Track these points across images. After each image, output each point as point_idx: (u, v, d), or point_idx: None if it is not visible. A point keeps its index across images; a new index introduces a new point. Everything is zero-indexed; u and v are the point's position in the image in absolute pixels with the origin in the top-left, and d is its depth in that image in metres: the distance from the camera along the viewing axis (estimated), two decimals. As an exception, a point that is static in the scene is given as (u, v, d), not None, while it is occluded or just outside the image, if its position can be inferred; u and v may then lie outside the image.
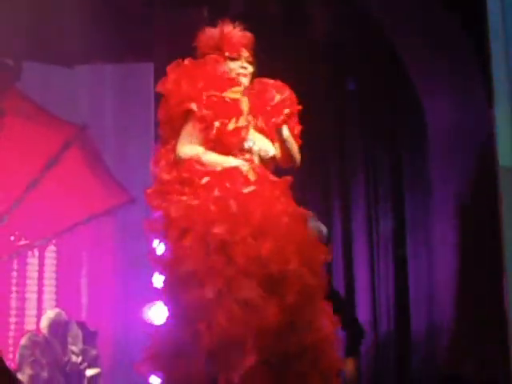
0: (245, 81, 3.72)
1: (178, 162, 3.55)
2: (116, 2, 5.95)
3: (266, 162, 3.69)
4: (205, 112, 3.53)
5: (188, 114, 3.58)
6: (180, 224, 3.40)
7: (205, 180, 3.46)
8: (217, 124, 3.53)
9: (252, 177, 3.52)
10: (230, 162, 3.54)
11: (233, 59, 3.72)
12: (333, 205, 6.30)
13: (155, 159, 3.68)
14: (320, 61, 5.93)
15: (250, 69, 3.75)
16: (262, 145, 3.67)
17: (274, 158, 3.73)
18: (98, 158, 6.49)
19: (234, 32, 3.75)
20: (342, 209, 6.27)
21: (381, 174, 6.23)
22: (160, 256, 3.56)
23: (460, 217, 5.63)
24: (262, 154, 3.66)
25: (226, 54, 3.71)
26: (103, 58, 6.45)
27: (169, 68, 3.66)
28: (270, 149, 3.72)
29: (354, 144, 6.32)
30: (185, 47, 3.84)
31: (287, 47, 5.78)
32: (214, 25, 3.79)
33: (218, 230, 3.30)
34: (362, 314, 6.06)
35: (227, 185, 3.42)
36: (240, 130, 3.58)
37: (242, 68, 3.72)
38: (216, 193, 3.40)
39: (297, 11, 5.94)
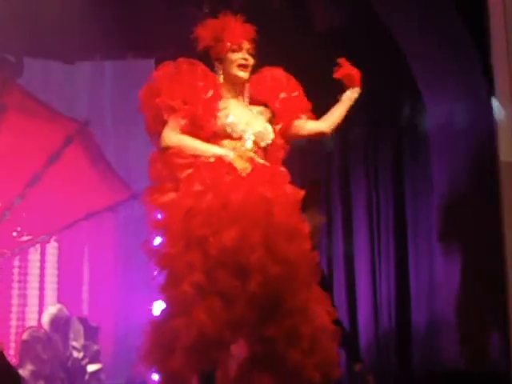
0: (244, 74, 3.73)
1: (163, 153, 3.60)
2: (117, -2, 5.95)
3: (265, 147, 3.71)
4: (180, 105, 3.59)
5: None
6: (163, 221, 3.47)
7: (185, 174, 3.50)
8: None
9: (240, 164, 3.55)
10: (213, 150, 3.55)
11: (234, 50, 3.73)
12: (333, 201, 6.31)
13: (150, 159, 3.71)
14: (322, 54, 5.92)
15: (251, 60, 3.75)
16: (258, 130, 3.68)
17: (274, 143, 3.74)
18: (99, 154, 6.49)
19: (236, 23, 3.75)
20: (343, 209, 6.28)
21: (382, 168, 6.23)
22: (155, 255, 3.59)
23: (460, 213, 5.62)
24: (259, 139, 3.67)
25: (228, 44, 3.73)
26: (104, 54, 6.44)
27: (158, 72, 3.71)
28: (269, 134, 3.72)
29: (355, 140, 6.31)
30: (186, 43, 3.85)
31: (289, 40, 5.78)
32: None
33: (194, 224, 3.34)
34: (363, 311, 6.07)
35: (207, 178, 3.44)
36: (210, 104, 3.60)
37: (243, 59, 3.72)
38: (196, 187, 3.42)
39: (299, 4, 5.94)
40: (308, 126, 3.84)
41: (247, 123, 3.68)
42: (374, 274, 6.11)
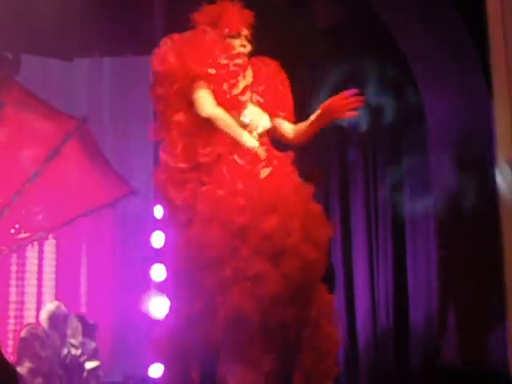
0: (241, 61, 3.66)
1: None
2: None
3: (262, 135, 3.69)
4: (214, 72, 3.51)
5: (196, 85, 3.54)
6: (205, 214, 3.41)
7: (225, 170, 3.46)
8: (225, 87, 3.52)
9: (262, 154, 3.52)
10: (244, 137, 3.50)
11: (232, 37, 3.68)
12: (331, 199, 6.31)
13: (164, 146, 3.64)
14: (322, 51, 5.93)
15: (249, 47, 3.71)
16: (259, 119, 3.66)
17: (268, 131, 3.72)
18: (97, 151, 6.49)
19: (234, 9, 3.69)
20: (341, 206, 6.27)
21: (380, 166, 6.23)
22: (176, 244, 3.55)
23: (459, 212, 5.63)
24: (260, 129, 3.65)
25: (226, 31, 3.68)
26: (102, 50, 6.44)
27: (160, 48, 3.62)
28: (267, 123, 3.70)
29: (354, 138, 6.31)
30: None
31: (289, 33, 5.77)
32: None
33: (240, 219, 3.33)
34: (361, 309, 6.07)
35: (247, 173, 3.43)
36: (239, 97, 3.57)
37: (241, 46, 3.67)
38: (239, 186, 3.39)
39: (300, 2, 5.94)
40: (282, 127, 3.80)
41: (253, 116, 3.66)
42: (371, 272, 6.11)
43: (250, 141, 3.53)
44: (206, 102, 3.51)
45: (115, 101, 6.56)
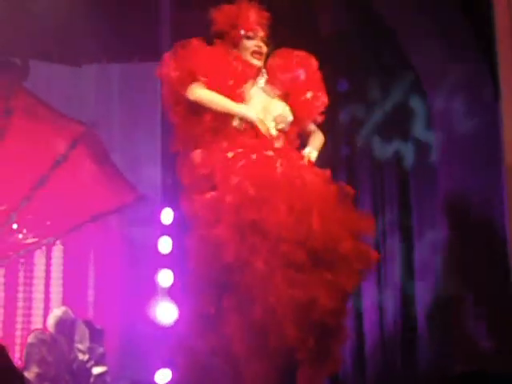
0: (258, 62, 3.71)
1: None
2: (123, 1, 5.96)
3: (285, 128, 3.68)
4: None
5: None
6: (208, 218, 3.44)
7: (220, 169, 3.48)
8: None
9: (267, 130, 3.54)
10: (237, 108, 3.52)
11: (248, 38, 3.69)
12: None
13: (178, 166, 3.69)
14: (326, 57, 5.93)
15: (265, 49, 3.71)
16: (277, 113, 3.65)
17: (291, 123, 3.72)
18: (105, 157, 6.50)
19: (252, 10, 3.70)
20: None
21: (387, 176, 6.22)
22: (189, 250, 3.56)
23: (466, 215, 5.62)
24: (279, 122, 3.65)
25: (242, 32, 3.69)
26: (110, 57, 6.45)
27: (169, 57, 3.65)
28: (288, 115, 3.70)
29: (361, 143, 6.31)
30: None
31: (295, 43, 5.78)
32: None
33: (248, 213, 3.33)
34: (369, 315, 6.05)
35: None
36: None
37: (257, 47, 3.68)
38: (233, 180, 3.40)
39: (304, 7, 5.94)
40: (312, 137, 3.83)
41: (265, 108, 3.65)
42: (379, 276, 6.09)
43: (249, 111, 3.53)
44: (195, 87, 3.56)
45: (123, 106, 6.57)
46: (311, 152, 3.71)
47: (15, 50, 6.20)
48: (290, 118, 3.71)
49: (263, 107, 3.66)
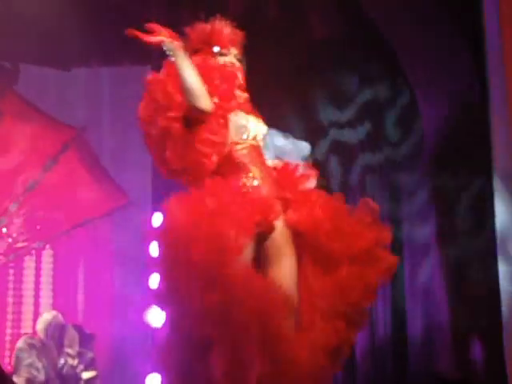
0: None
1: None
2: (113, 4, 5.95)
3: (259, 142, 3.72)
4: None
5: None
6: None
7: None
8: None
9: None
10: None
11: (221, 54, 3.74)
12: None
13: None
14: (318, 60, 5.95)
15: (238, 65, 3.77)
16: (256, 128, 3.69)
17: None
18: (95, 160, 6.50)
19: (225, 28, 3.76)
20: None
21: (379, 183, 6.23)
22: None
23: (456, 217, 5.64)
24: (258, 137, 3.68)
25: (215, 49, 3.73)
26: (100, 60, 6.45)
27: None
28: (263, 129, 3.73)
29: (353, 150, 6.32)
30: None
31: (285, 47, 5.80)
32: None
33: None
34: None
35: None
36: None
37: (229, 63, 3.73)
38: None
39: (295, 12, 5.95)
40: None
41: (253, 121, 3.68)
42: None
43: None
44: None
45: (113, 110, 6.56)
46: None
47: (5, 53, 6.19)
48: (264, 131, 3.76)
49: (251, 120, 3.70)
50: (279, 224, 3.55)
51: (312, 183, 3.69)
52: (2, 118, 6.23)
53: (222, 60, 3.71)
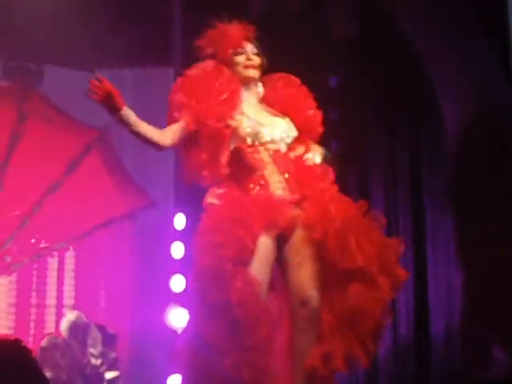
0: (253, 72, 3.78)
1: None
2: (136, 6, 5.98)
3: (289, 144, 3.73)
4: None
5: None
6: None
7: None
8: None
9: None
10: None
11: (237, 54, 3.77)
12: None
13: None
14: (338, 60, 5.94)
15: (257, 59, 3.79)
16: (284, 127, 3.71)
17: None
18: (117, 162, 6.52)
19: (234, 27, 3.79)
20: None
21: (400, 179, 6.20)
22: None
23: (480, 216, 5.60)
24: (286, 134, 3.70)
25: (230, 51, 3.75)
26: (122, 62, 6.48)
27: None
28: (293, 128, 3.74)
29: (373, 151, 6.30)
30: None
31: (307, 47, 5.79)
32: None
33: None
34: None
35: None
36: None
37: (248, 60, 3.75)
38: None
39: (316, 11, 5.95)
40: (312, 148, 3.86)
41: (272, 123, 3.70)
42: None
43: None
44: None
45: (135, 112, 6.58)
46: (315, 155, 3.74)
47: (29, 55, 6.24)
48: (294, 131, 3.75)
49: (270, 122, 3.70)
50: (298, 227, 3.57)
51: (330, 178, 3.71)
52: (26, 120, 6.27)
53: (239, 59, 3.75)
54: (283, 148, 3.69)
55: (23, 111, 6.25)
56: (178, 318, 5.68)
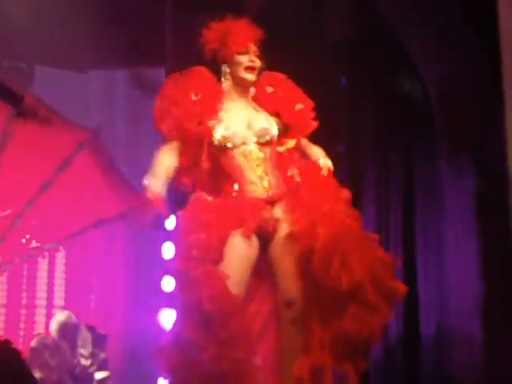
0: (251, 77, 3.77)
1: None
2: (128, 7, 5.98)
3: (270, 141, 3.73)
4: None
5: None
6: None
7: None
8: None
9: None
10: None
11: (240, 53, 3.75)
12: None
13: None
14: (334, 60, 5.95)
15: (258, 63, 3.78)
16: (261, 127, 3.71)
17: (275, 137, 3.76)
18: (109, 162, 6.52)
19: (242, 26, 3.77)
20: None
21: (392, 175, 6.22)
22: None
23: (472, 217, 5.62)
24: (261, 137, 3.70)
25: (233, 48, 3.74)
26: (115, 63, 6.48)
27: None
28: (272, 127, 3.74)
29: (367, 149, 6.31)
30: (197, 52, 3.87)
31: (302, 47, 5.81)
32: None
33: None
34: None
35: None
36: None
37: (250, 62, 3.74)
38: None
39: (312, 11, 5.97)
40: (311, 149, 3.87)
41: (248, 124, 3.70)
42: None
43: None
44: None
45: (129, 112, 6.59)
46: (325, 161, 3.74)
47: (21, 55, 6.23)
48: (275, 129, 3.74)
49: (247, 122, 3.70)
50: (282, 231, 3.58)
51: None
52: (17, 119, 6.25)
53: (241, 59, 3.75)
54: (262, 147, 3.69)
55: (14, 110, 6.24)
56: (169, 318, 5.67)
